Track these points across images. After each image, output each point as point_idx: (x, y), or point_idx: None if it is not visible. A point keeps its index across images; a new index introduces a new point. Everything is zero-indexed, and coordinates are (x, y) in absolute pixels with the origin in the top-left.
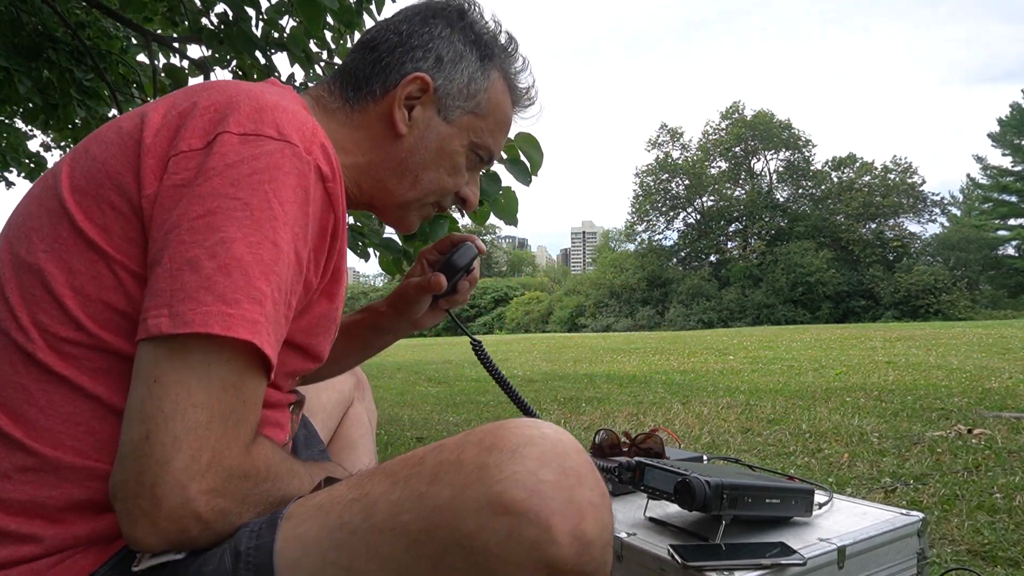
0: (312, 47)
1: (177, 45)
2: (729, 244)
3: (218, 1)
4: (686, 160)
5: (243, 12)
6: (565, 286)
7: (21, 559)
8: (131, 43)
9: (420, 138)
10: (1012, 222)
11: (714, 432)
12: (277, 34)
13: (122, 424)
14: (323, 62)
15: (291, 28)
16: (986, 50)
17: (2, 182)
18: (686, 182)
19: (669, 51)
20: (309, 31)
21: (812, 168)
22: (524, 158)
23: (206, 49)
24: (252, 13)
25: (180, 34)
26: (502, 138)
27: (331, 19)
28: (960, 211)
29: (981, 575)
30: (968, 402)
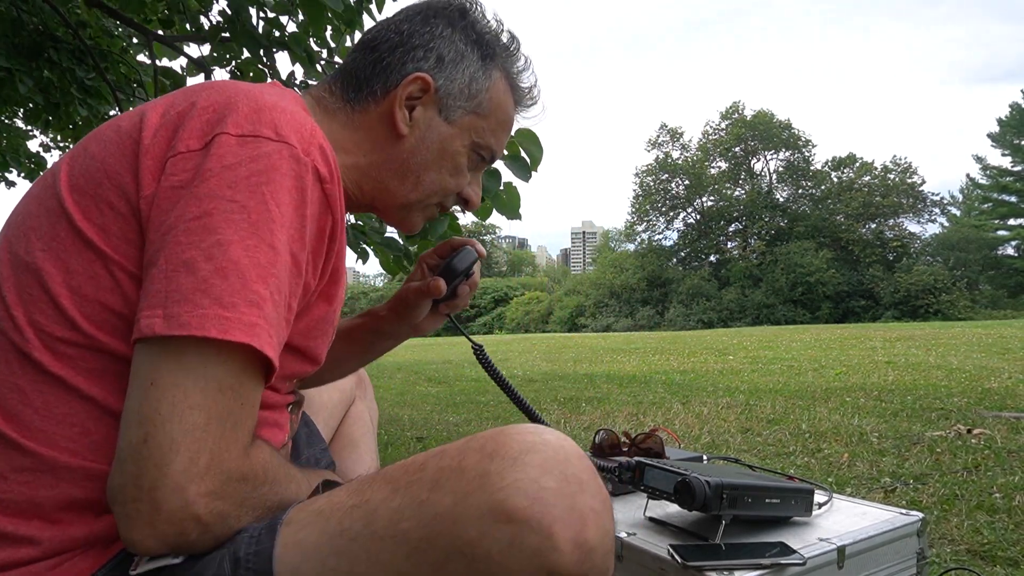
0: (312, 46)
1: (178, 44)
2: (729, 244)
3: (215, 1)
4: (686, 160)
5: (244, 11)
6: (565, 286)
7: (19, 562)
8: (132, 42)
9: (421, 139)
10: (1012, 222)
11: (714, 432)
12: (278, 32)
13: (119, 427)
14: (323, 61)
15: (292, 27)
16: (986, 50)
17: (2, 182)
18: (686, 182)
19: (669, 51)
20: (311, 29)
21: (812, 168)
22: (524, 154)
23: (207, 48)
24: (253, 13)
25: (177, 33)
26: (504, 138)
27: (332, 18)
28: (960, 211)
29: (981, 575)
30: (968, 402)
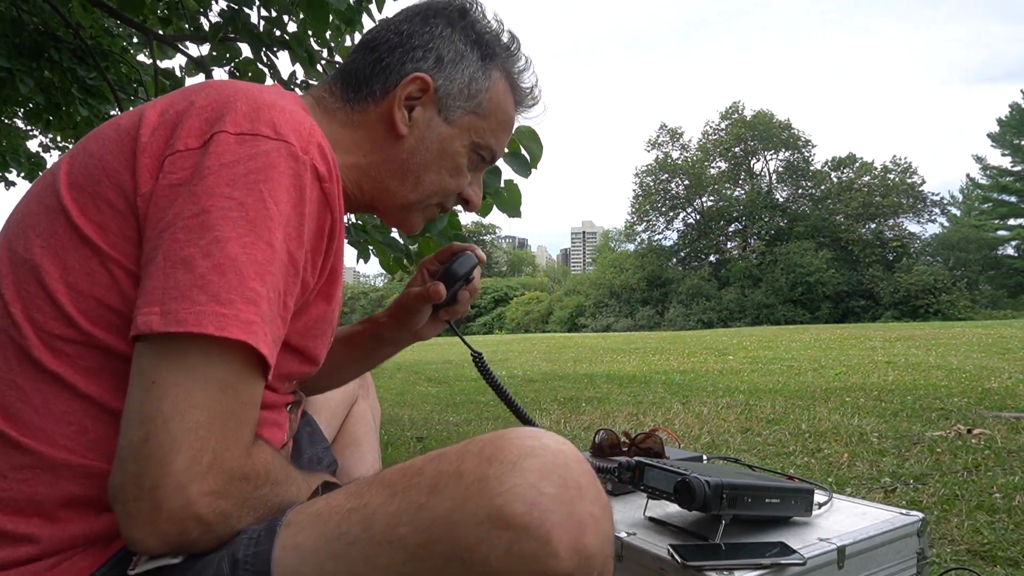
0: (313, 45)
1: (178, 44)
2: (729, 244)
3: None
4: (686, 160)
5: (243, 12)
6: (565, 286)
7: (18, 560)
8: (132, 42)
9: (421, 139)
10: (1012, 222)
11: (714, 432)
12: (279, 31)
13: (116, 425)
14: (324, 60)
15: (293, 27)
16: (986, 50)
17: (1, 182)
18: (686, 182)
19: (669, 51)
20: (313, 26)
21: (812, 168)
22: (524, 151)
23: (207, 48)
24: (252, 13)
25: (174, 32)
26: (505, 138)
27: (333, 17)
28: (960, 211)
29: (981, 575)
30: (968, 402)
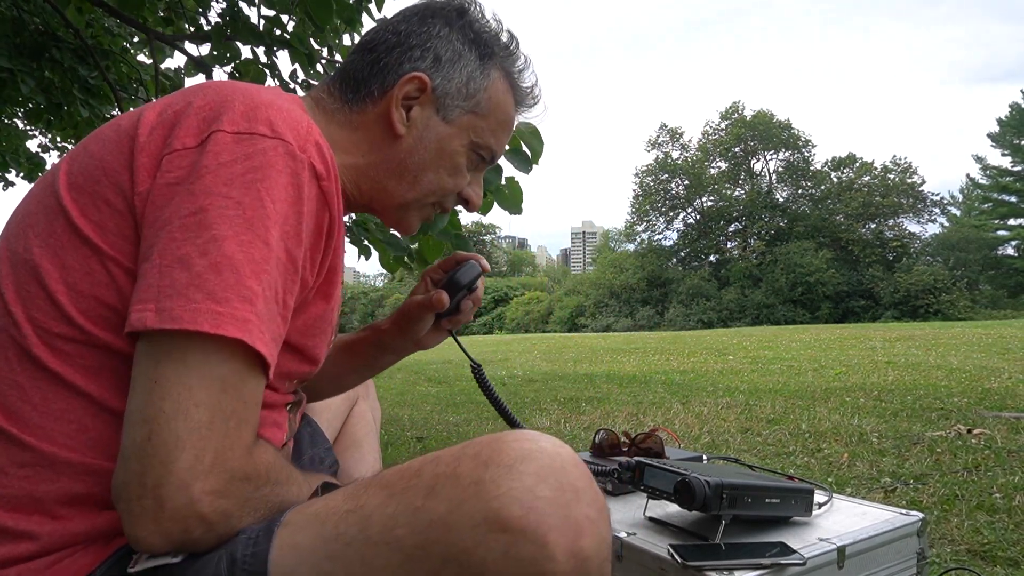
0: (313, 44)
1: (178, 43)
2: (729, 244)
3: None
4: (686, 160)
5: (243, 11)
6: (565, 286)
7: (18, 557)
8: (133, 41)
9: (419, 138)
10: (1012, 222)
11: (714, 432)
12: (279, 31)
13: (115, 423)
14: (323, 60)
15: (293, 26)
16: (986, 50)
17: (1, 183)
18: (686, 182)
19: (669, 51)
20: (319, 14)
21: (812, 168)
22: (525, 147)
23: (207, 47)
24: (252, 13)
25: (174, 32)
26: (504, 137)
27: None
28: (960, 211)
29: (981, 575)
30: (968, 402)
